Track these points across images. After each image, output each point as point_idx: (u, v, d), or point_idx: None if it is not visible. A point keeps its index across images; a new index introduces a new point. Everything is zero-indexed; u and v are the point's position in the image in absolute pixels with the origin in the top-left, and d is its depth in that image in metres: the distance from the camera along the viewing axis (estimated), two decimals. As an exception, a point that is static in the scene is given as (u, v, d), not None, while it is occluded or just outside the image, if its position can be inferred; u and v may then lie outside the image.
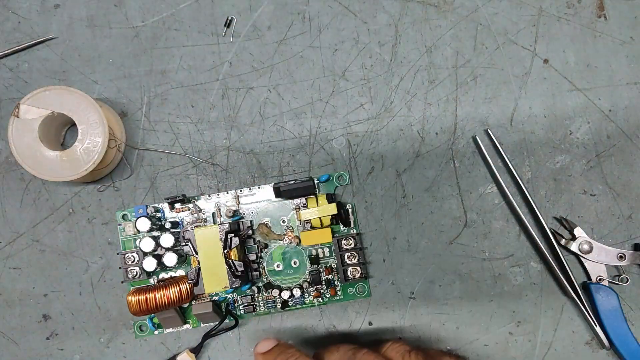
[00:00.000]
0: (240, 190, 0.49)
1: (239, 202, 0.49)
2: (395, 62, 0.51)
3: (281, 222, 0.49)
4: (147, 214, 0.48)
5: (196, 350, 0.47)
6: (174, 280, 0.45)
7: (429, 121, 0.50)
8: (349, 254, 0.47)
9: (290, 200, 0.49)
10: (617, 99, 0.50)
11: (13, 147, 0.45)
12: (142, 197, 0.50)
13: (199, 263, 0.45)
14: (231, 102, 0.50)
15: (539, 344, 0.49)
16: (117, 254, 0.49)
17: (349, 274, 0.47)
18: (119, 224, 0.49)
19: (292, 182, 0.47)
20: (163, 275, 0.48)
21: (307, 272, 0.49)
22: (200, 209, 0.49)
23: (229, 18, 0.51)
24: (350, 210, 0.49)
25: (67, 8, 0.51)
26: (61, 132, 0.50)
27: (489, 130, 0.49)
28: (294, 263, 0.49)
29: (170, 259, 0.46)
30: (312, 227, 0.48)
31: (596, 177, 0.50)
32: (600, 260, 0.48)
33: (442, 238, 0.49)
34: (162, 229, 0.48)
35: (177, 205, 0.49)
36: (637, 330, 0.48)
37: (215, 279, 0.45)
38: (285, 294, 0.48)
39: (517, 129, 0.50)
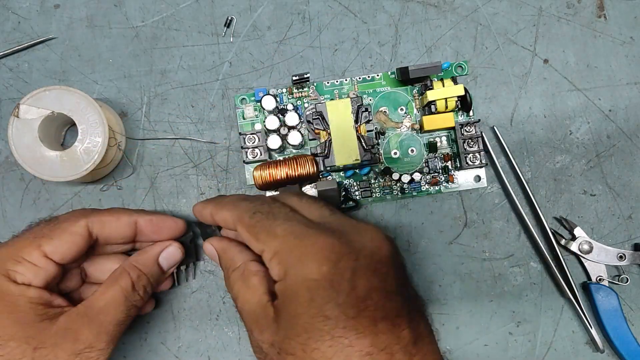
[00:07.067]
0: (359, 78, 0.49)
1: (356, 89, 0.49)
2: (395, 62, 0.51)
3: (399, 110, 0.49)
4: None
5: None
6: (300, 156, 0.46)
7: (429, 121, 0.50)
8: (470, 141, 0.47)
9: (410, 88, 0.49)
10: (617, 99, 0.50)
11: (13, 147, 0.45)
12: (142, 197, 0.50)
13: (329, 135, 0.46)
14: (231, 102, 0.50)
15: (539, 344, 0.49)
16: (240, 134, 0.48)
17: (468, 161, 0.47)
18: (238, 108, 0.49)
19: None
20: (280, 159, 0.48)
21: (424, 159, 0.49)
22: (320, 94, 0.49)
23: (229, 18, 0.51)
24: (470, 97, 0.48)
25: (67, 8, 0.51)
26: (61, 132, 0.50)
27: (495, 128, 0.49)
28: (411, 151, 0.49)
29: (294, 137, 0.47)
30: (434, 112, 0.47)
31: (596, 177, 0.50)
32: (600, 260, 0.48)
33: (442, 238, 0.49)
34: (282, 112, 0.48)
35: (296, 91, 0.49)
36: (637, 330, 0.48)
37: (346, 151, 0.45)
38: (406, 178, 0.48)
39: (517, 129, 0.50)
